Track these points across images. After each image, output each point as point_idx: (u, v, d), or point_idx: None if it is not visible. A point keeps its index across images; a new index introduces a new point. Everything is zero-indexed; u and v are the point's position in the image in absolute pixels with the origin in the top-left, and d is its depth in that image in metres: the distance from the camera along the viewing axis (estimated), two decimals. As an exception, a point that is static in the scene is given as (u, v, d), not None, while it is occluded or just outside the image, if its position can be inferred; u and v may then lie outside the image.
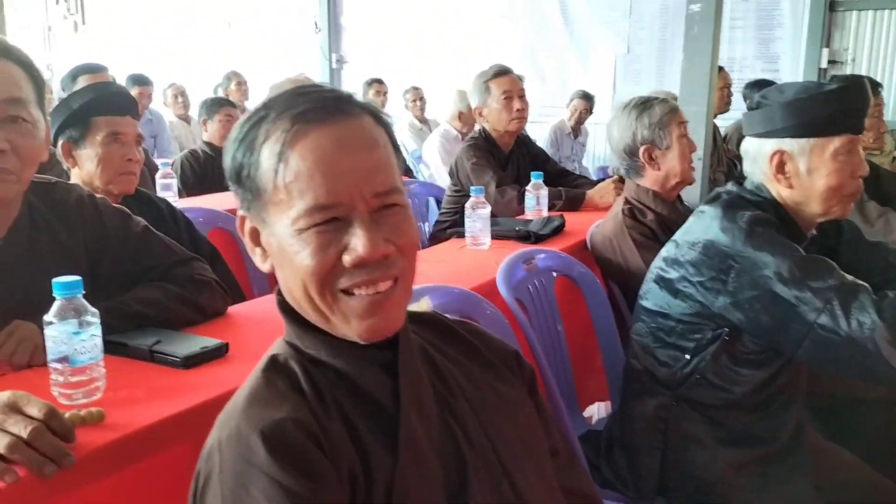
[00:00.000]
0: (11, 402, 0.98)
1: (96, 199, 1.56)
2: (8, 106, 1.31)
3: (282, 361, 0.90)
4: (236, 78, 6.43)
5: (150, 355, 1.32)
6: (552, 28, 6.43)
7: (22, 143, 1.32)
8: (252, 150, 0.86)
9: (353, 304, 0.86)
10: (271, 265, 0.91)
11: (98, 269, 1.52)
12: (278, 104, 0.87)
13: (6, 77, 1.33)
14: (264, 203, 0.86)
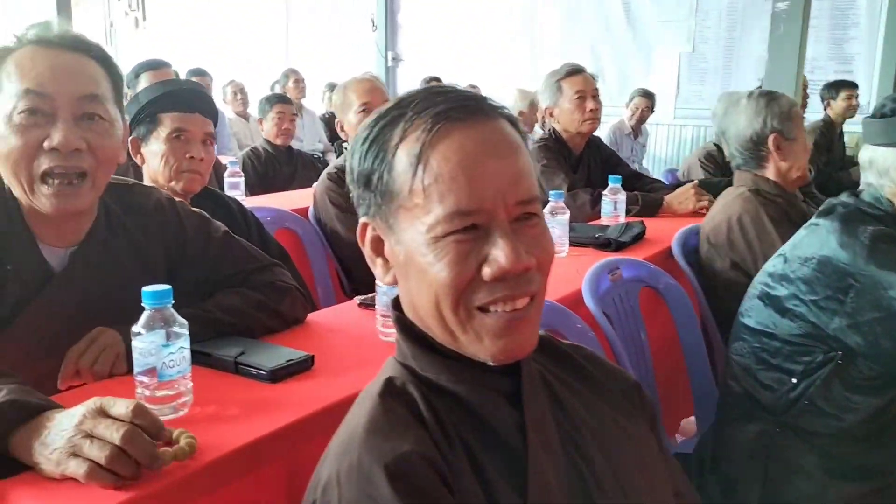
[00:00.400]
0: (98, 406, 0.93)
1: (176, 203, 1.51)
2: (85, 103, 1.25)
3: (399, 385, 0.83)
4: (294, 75, 6.43)
5: (235, 367, 1.26)
6: (614, 26, 6.28)
7: (98, 142, 1.26)
8: (385, 152, 0.80)
9: (489, 322, 0.78)
10: (393, 277, 0.85)
11: (176, 275, 1.47)
12: (415, 103, 0.80)
13: (83, 72, 1.27)
14: (395, 209, 0.79)
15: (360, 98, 2.66)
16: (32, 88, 1.21)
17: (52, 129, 1.21)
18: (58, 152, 1.21)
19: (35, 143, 1.21)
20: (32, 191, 1.23)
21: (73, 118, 1.23)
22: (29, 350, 1.29)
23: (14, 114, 1.20)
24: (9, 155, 1.21)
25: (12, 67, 1.23)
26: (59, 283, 1.31)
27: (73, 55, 1.27)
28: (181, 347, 1.09)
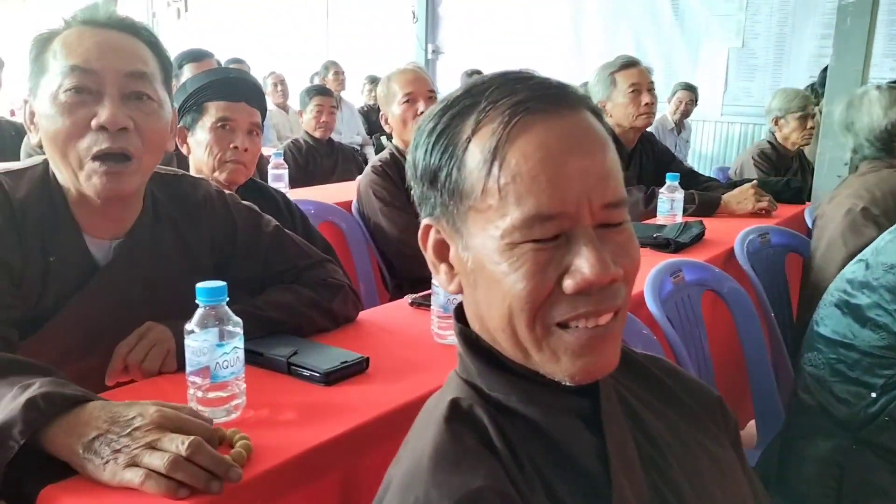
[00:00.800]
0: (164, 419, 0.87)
1: (225, 196, 1.45)
2: (132, 80, 1.20)
3: (465, 408, 0.74)
4: (334, 67, 6.40)
5: (287, 367, 1.20)
6: (661, 19, 6.12)
7: (146, 123, 1.21)
8: (455, 146, 0.71)
9: (568, 340, 0.70)
10: (458, 285, 0.76)
11: (225, 270, 1.42)
12: (490, 91, 0.71)
13: (131, 50, 1.22)
14: (465, 210, 0.71)
15: (403, 88, 2.59)
16: (79, 65, 1.16)
17: (99, 107, 1.16)
18: (105, 131, 1.16)
19: (82, 121, 1.16)
20: (80, 171, 1.18)
21: (121, 96, 1.18)
22: (71, 344, 1.25)
23: (60, 92, 1.16)
24: (56, 135, 1.17)
25: (59, 46, 1.19)
26: (103, 277, 1.26)
27: (120, 34, 1.23)
28: (235, 347, 1.04)
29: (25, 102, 1.24)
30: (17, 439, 0.84)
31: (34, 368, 0.99)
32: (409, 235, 2.56)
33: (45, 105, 1.18)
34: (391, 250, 2.62)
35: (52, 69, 1.18)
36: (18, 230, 1.18)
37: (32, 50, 1.22)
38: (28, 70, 1.22)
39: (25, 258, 1.19)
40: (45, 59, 1.20)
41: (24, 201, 1.20)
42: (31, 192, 1.22)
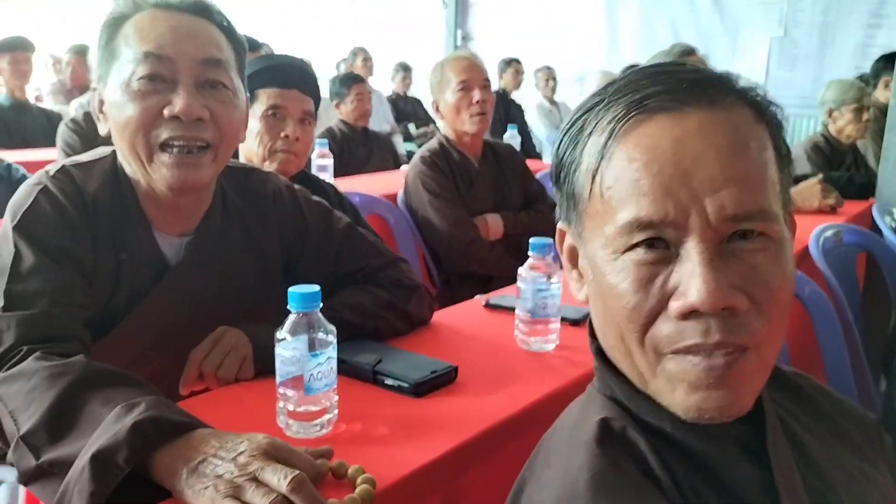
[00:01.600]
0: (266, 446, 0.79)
1: (296, 192, 1.38)
2: (207, 68, 1.12)
3: (618, 431, 0.66)
4: (362, 54, 6.30)
5: (373, 376, 1.12)
6: (699, 7, 5.98)
7: (222, 112, 1.14)
8: (576, 145, 0.67)
9: (682, 370, 0.61)
10: (587, 295, 0.70)
11: (294, 269, 1.34)
12: (619, 86, 0.65)
13: (206, 36, 1.15)
14: (580, 214, 0.67)
15: (458, 76, 2.49)
16: (152, 51, 1.09)
17: (173, 95, 1.09)
18: (179, 121, 1.09)
19: (155, 110, 1.09)
20: (151, 161, 1.11)
21: (195, 84, 1.11)
22: (142, 347, 1.18)
23: (132, 80, 1.09)
24: (126, 124, 1.09)
25: (130, 31, 1.12)
26: (175, 275, 1.19)
27: (194, 18, 1.15)
28: (329, 357, 0.96)
29: (94, 90, 1.17)
30: (122, 466, 0.77)
31: (130, 382, 0.92)
32: (460, 229, 2.47)
33: (115, 93, 1.10)
34: (440, 245, 2.53)
35: (123, 56, 1.11)
36: (91, 226, 1.12)
37: (102, 35, 1.14)
38: (97, 56, 1.15)
39: (98, 255, 1.12)
40: (115, 45, 1.12)
41: (96, 195, 1.13)
42: (102, 185, 1.15)
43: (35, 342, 0.97)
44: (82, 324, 1.06)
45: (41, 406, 0.87)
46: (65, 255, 1.07)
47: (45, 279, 1.03)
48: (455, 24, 7.26)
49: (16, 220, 1.06)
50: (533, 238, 1.28)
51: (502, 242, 2.56)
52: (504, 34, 6.98)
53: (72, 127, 2.67)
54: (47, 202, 1.08)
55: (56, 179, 1.11)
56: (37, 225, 1.07)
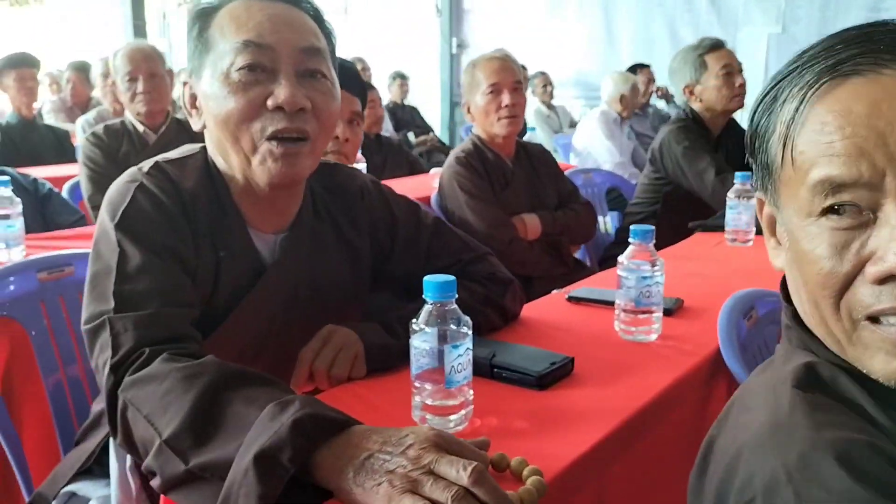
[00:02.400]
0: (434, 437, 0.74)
1: (382, 188, 1.34)
2: (307, 57, 1.07)
3: (827, 376, 0.64)
4: (360, 63, 6.26)
5: (490, 370, 1.08)
6: (697, 5, 6.01)
7: (322, 103, 1.08)
8: (770, 114, 0.66)
9: (880, 336, 0.60)
10: (783, 263, 0.69)
11: (385, 265, 1.30)
12: (813, 52, 0.64)
13: (303, 24, 1.10)
14: (775, 181, 0.67)
15: (488, 78, 2.46)
16: (252, 40, 1.04)
17: (275, 85, 1.04)
18: (282, 112, 1.04)
19: (258, 101, 1.04)
20: (254, 154, 1.06)
21: (296, 73, 1.06)
22: (241, 348, 1.14)
23: (232, 71, 1.03)
24: (228, 117, 1.04)
25: (225, 20, 1.07)
26: (272, 274, 1.14)
27: (287, 6, 1.11)
28: (468, 349, 0.91)
29: (185, 84, 1.12)
30: (288, 467, 0.71)
31: (267, 381, 0.87)
32: (498, 229, 2.44)
33: (213, 85, 1.05)
34: (478, 244, 2.50)
35: (220, 46, 1.06)
36: (191, 223, 1.07)
37: (193, 27, 1.10)
38: (189, 49, 1.10)
39: (199, 253, 1.07)
40: (209, 36, 1.07)
41: (193, 192, 1.08)
42: (198, 181, 1.10)
43: (156, 343, 0.92)
44: (193, 323, 1.01)
45: (181, 409, 0.82)
46: (170, 253, 1.02)
47: (155, 278, 0.98)
48: (450, 32, 7.24)
49: (117, 218, 1.01)
50: (633, 226, 1.24)
51: (540, 242, 2.53)
52: (499, 40, 6.96)
53: (93, 141, 2.62)
54: (146, 199, 1.04)
55: (151, 176, 1.07)
56: (139, 222, 1.02)
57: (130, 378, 0.88)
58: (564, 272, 2.57)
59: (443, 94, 7.45)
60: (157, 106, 2.68)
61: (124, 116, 2.73)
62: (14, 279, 1.53)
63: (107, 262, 0.99)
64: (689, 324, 1.33)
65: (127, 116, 2.70)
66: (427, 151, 6.44)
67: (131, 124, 2.69)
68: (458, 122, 7.40)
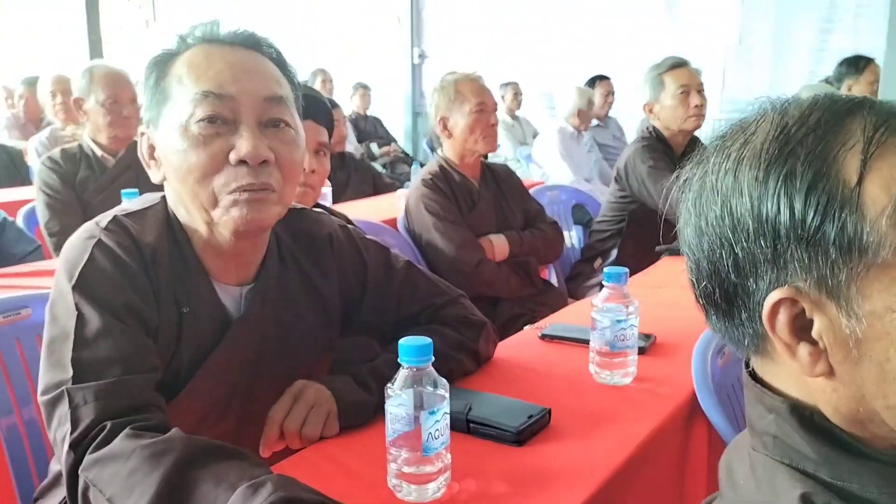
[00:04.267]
0: None
1: (351, 232, 1.30)
2: (269, 106, 1.03)
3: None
4: (322, 75, 6.22)
5: (467, 425, 1.06)
6: (656, 16, 6.08)
7: (286, 154, 1.04)
8: (838, 187, 0.55)
9: None
10: (828, 366, 0.60)
11: (356, 312, 1.27)
12: (863, 109, 0.58)
13: (264, 71, 1.06)
14: (860, 268, 0.56)
15: (476, 97, 2.44)
16: (212, 90, 0.99)
17: (236, 138, 1.00)
18: (245, 166, 0.99)
19: (220, 155, 0.99)
20: (216, 206, 1.01)
21: (258, 124, 1.02)
22: (207, 408, 1.09)
23: (191, 123, 0.99)
24: (188, 171, 1.00)
25: (184, 69, 1.02)
26: (238, 329, 1.10)
27: (248, 52, 1.07)
28: (445, 413, 0.89)
29: (142, 135, 1.07)
30: None
31: (236, 455, 0.84)
32: (466, 251, 2.42)
33: (172, 138, 1.01)
34: (446, 267, 2.47)
35: (178, 96, 1.01)
36: (152, 280, 1.02)
37: (150, 75, 1.05)
38: (146, 98, 1.06)
39: (161, 311, 1.02)
40: (167, 85, 1.03)
41: (154, 246, 1.03)
42: (158, 235, 1.05)
43: (117, 416, 0.88)
44: (155, 387, 0.97)
45: (147, 491, 0.78)
46: (131, 314, 0.97)
47: (115, 343, 0.93)
48: (411, 42, 7.22)
49: (74, 279, 0.96)
50: (608, 267, 1.23)
51: (508, 263, 2.52)
52: (461, 49, 6.97)
53: (49, 165, 2.53)
54: (105, 257, 0.99)
55: (110, 232, 1.01)
56: (98, 283, 0.97)
57: (92, 456, 0.84)
58: (533, 293, 2.57)
59: (405, 104, 7.42)
60: (133, 132, 2.62)
61: (81, 140, 2.64)
62: (-33, 324, 1.47)
63: (63, 326, 0.94)
64: (663, 363, 1.33)
65: (84, 140, 2.62)
66: (391, 162, 6.42)
67: (89, 148, 2.61)
68: (420, 133, 7.38)
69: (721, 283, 0.63)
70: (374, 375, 1.13)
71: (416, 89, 7.40)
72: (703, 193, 0.63)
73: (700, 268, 0.65)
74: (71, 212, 2.50)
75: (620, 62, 6.03)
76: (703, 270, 0.64)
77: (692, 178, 0.66)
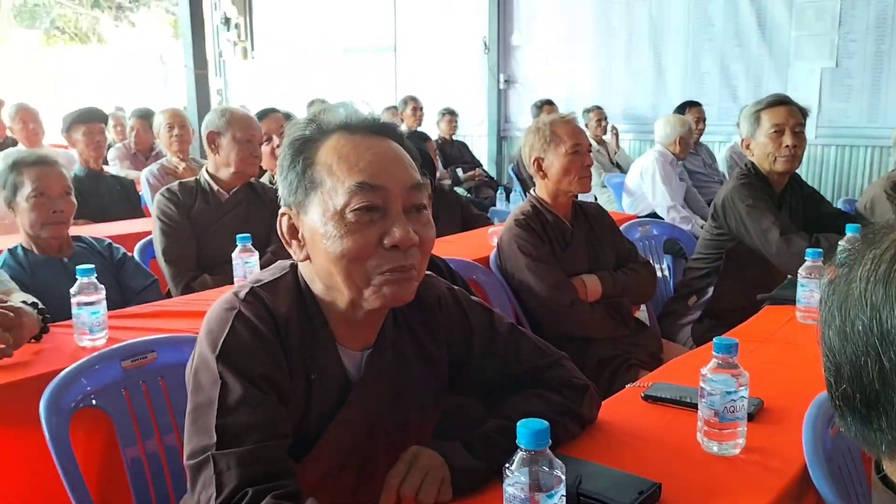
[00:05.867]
0: None
1: (458, 294, 1.35)
2: (413, 193, 1.10)
3: None
4: (413, 102, 6.36)
5: (577, 498, 1.08)
6: (747, 40, 5.95)
7: (426, 235, 1.12)
8: None
9: None
10: None
11: (461, 373, 1.31)
12: None
13: (403, 159, 1.13)
14: None
15: (571, 138, 2.45)
16: (367, 181, 1.06)
17: (388, 224, 1.07)
18: (397, 250, 1.07)
19: (373, 241, 1.07)
20: (366, 287, 1.09)
21: (405, 210, 1.09)
22: (330, 466, 1.17)
23: (347, 212, 1.06)
24: (343, 255, 1.07)
25: (333, 159, 1.09)
26: (360, 391, 1.17)
27: (386, 140, 1.14)
28: (562, 496, 0.92)
29: (283, 215, 1.15)
30: None
31: None
32: (559, 292, 2.44)
33: (325, 224, 1.07)
34: (540, 308, 2.50)
35: (330, 185, 1.08)
36: (285, 348, 1.10)
37: (293, 161, 1.12)
38: (290, 182, 1.12)
39: (292, 378, 1.11)
40: (315, 175, 1.09)
41: (287, 316, 1.12)
42: (290, 305, 1.13)
43: (257, 482, 0.96)
44: (287, 451, 1.04)
45: None
46: (268, 383, 1.06)
47: (254, 411, 1.02)
48: (497, 69, 7.29)
49: (217, 350, 1.05)
50: (716, 338, 1.23)
51: (600, 303, 2.52)
52: (548, 77, 6.99)
53: (168, 196, 2.71)
54: (245, 329, 1.07)
55: (248, 304, 1.10)
56: (239, 353, 1.05)
57: None
58: (625, 334, 2.55)
59: (489, 128, 7.49)
60: (255, 171, 2.90)
61: (199, 175, 2.82)
62: (99, 367, 1.58)
63: (208, 394, 1.03)
64: (773, 431, 1.31)
65: (202, 175, 2.80)
66: (475, 186, 6.49)
67: (206, 182, 2.78)
68: (504, 157, 7.43)
69: (863, 390, 0.64)
70: (485, 442, 1.17)
71: (502, 114, 7.47)
72: (850, 300, 0.63)
73: (840, 371, 0.65)
74: (186, 240, 2.68)
75: (710, 86, 5.94)
76: (843, 374, 0.65)
77: (838, 279, 0.66)
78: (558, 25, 6.91)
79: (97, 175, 3.92)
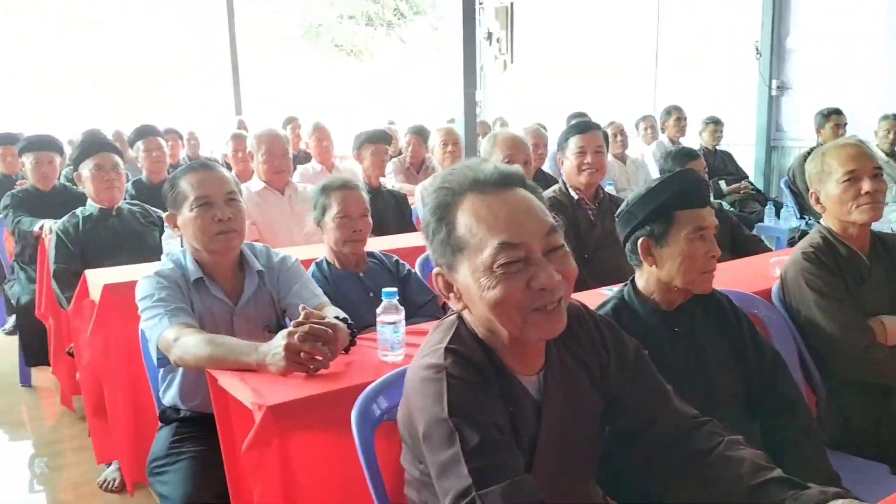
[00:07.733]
0: None
1: (589, 311, 1.47)
2: (550, 238, 1.21)
3: None
4: (676, 113, 6.14)
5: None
6: None
7: (568, 269, 1.24)
8: None
9: None
10: None
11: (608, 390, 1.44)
12: None
13: (535, 207, 1.23)
14: None
15: (843, 165, 2.28)
16: (508, 241, 1.18)
17: (533, 269, 1.19)
18: (545, 291, 1.19)
19: (522, 286, 1.18)
20: (524, 325, 1.21)
21: (544, 254, 1.20)
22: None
23: (494, 267, 1.18)
24: (496, 304, 1.19)
25: (472, 221, 1.20)
26: (547, 410, 1.30)
27: (513, 192, 1.23)
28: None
29: (438, 275, 1.28)
30: None
31: None
32: (853, 333, 2.22)
33: (476, 280, 1.19)
34: (828, 349, 2.30)
35: (474, 247, 1.19)
36: (489, 393, 1.23)
37: (438, 228, 1.24)
38: (438, 245, 1.25)
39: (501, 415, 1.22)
40: (458, 239, 1.21)
41: (480, 362, 1.24)
42: (475, 352, 1.26)
43: None
44: None
45: None
46: (491, 423, 1.17)
47: (493, 451, 1.13)
48: (770, 74, 6.80)
49: (446, 409, 1.16)
50: None
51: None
52: (828, 82, 6.38)
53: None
54: (459, 384, 1.19)
55: (454, 363, 1.22)
56: (463, 406, 1.17)
57: None
58: (930, 384, 2.27)
59: (758, 137, 7.01)
60: None
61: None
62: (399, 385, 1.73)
63: (449, 448, 1.14)
64: None
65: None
66: (740, 199, 6.09)
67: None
68: (774, 168, 6.91)
69: None
70: None
71: (772, 122, 6.95)
72: None
73: None
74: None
75: None
76: None
77: None
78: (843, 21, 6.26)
79: (376, 191, 4.27)
